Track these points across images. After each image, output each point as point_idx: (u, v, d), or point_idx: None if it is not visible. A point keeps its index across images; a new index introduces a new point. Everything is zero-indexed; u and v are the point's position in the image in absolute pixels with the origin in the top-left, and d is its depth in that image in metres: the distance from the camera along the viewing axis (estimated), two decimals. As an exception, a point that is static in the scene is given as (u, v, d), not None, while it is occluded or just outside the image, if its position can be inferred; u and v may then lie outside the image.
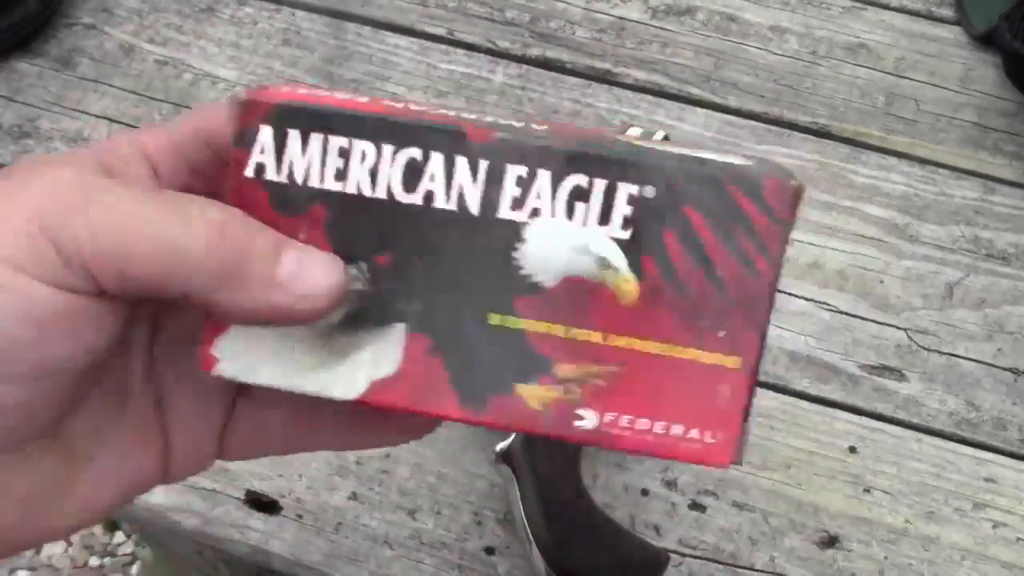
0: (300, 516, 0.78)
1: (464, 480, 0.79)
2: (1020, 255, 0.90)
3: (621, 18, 1.03)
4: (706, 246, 0.37)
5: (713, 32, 1.03)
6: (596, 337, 0.38)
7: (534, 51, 1.01)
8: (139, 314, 0.41)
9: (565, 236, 0.38)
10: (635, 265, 0.38)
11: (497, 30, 1.02)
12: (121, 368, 0.42)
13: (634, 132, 0.89)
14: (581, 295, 0.38)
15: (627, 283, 0.38)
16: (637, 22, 1.03)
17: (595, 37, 1.02)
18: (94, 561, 1.99)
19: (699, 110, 0.98)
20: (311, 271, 0.37)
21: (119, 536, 2.01)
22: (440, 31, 1.03)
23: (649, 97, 0.99)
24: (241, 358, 0.40)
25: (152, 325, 0.43)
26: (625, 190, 0.37)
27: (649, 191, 0.37)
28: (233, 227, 0.36)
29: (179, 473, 0.44)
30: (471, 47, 1.02)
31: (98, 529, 2.01)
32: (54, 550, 1.99)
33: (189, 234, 0.35)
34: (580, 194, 0.37)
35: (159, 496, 0.78)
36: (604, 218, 0.37)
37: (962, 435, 0.83)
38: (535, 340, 0.38)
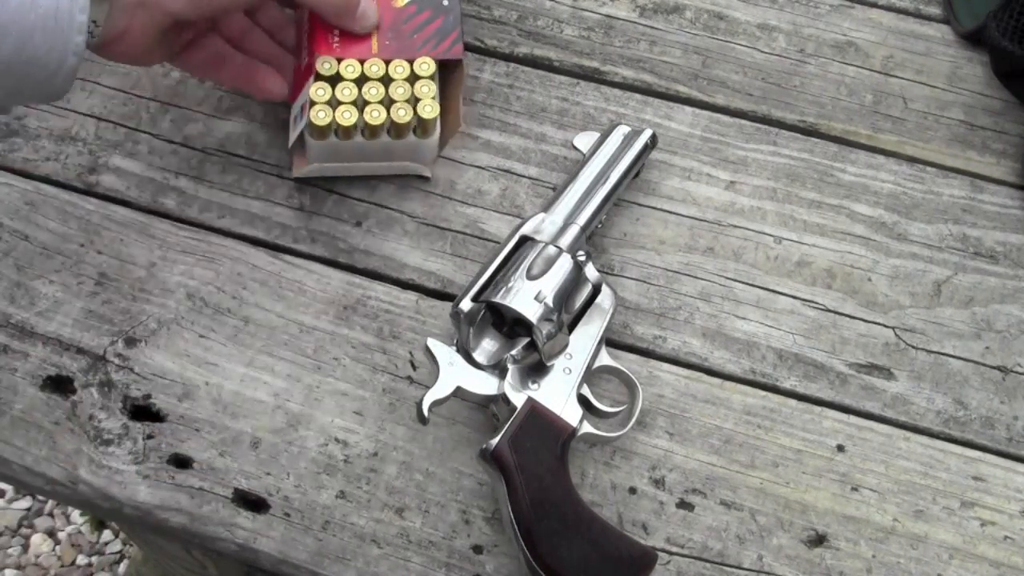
0: (288, 514, 0.78)
1: (452, 479, 0.79)
2: (1008, 253, 0.90)
3: (609, 16, 1.03)
4: None
5: (701, 30, 1.03)
6: None
7: (522, 49, 1.01)
8: None
9: None
10: None
11: (485, 28, 1.02)
12: None
13: (623, 130, 0.89)
14: None
15: None
16: (625, 20, 1.03)
17: (583, 35, 1.02)
18: (82, 559, 1.98)
19: (687, 108, 0.98)
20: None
21: (107, 534, 2.01)
22: (428, 29, 1.02)
23: (637, 95, 0.98)
24: None
25: None
26: None
27: None
28: None
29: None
30: (459, 45, 1.02)
31: (86, 528, 2.01)
32: (42, 548, 1.98)
33: None
34: None
35: (146, 494, 0.78)
36: None
37: (950, 433, 0.83)
38: None
